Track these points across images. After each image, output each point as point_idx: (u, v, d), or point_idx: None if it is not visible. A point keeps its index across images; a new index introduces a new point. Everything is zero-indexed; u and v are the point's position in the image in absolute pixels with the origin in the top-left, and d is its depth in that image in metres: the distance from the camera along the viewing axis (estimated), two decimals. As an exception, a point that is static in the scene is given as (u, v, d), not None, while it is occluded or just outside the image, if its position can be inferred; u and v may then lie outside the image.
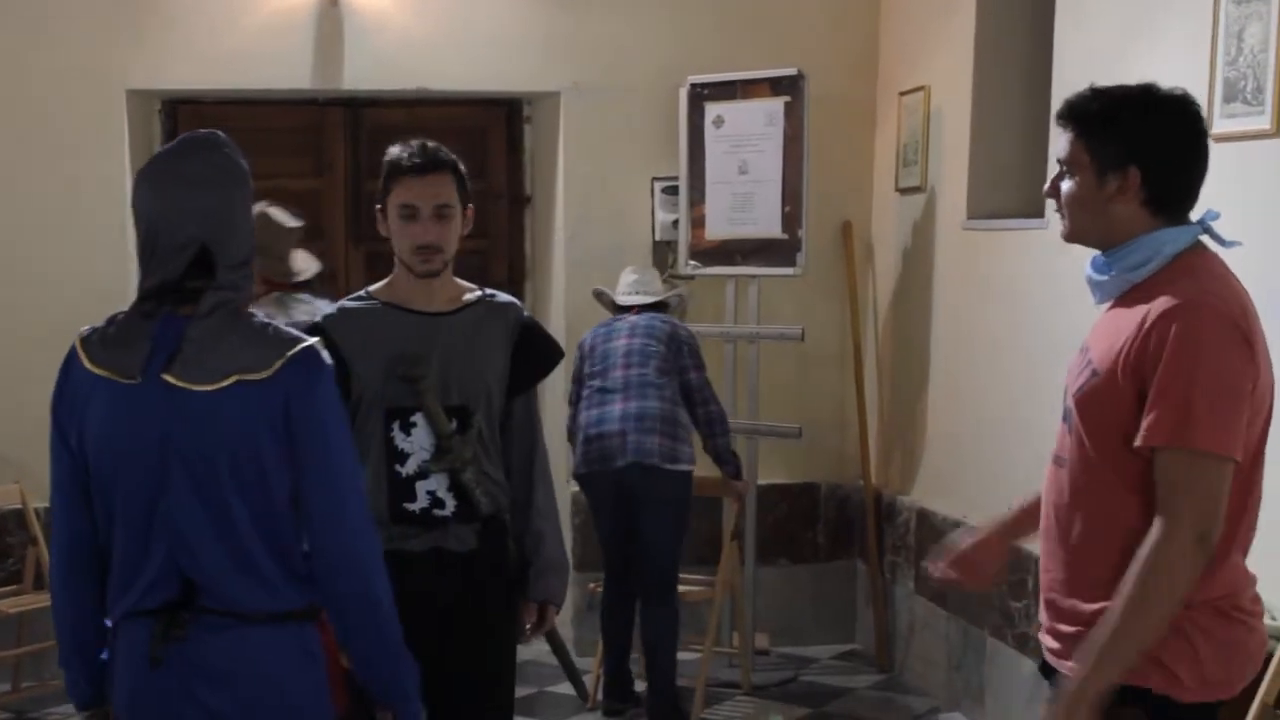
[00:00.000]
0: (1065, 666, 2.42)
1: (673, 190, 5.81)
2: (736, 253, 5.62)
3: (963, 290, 5.28)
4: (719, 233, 5.64)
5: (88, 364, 2.41)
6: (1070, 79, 4.46)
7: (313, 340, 2.45)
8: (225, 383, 2.35)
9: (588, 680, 5.16)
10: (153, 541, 2.39)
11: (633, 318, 5.21)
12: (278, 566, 2.42)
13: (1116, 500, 2.37)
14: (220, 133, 2.49)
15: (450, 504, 3.15)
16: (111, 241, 5.45)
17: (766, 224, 5.56)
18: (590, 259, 5.84)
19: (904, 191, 5.74)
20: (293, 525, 2.43)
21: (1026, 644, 4.63)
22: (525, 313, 3.36)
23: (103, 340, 2.42)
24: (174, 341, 2.37)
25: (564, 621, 5.92)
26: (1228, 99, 3.65)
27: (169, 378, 2.36)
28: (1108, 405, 2.36)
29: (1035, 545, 4.41)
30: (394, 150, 3.19)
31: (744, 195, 5.60)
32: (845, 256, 6.03)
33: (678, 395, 5.07)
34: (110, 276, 5.30)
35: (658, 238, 5.91)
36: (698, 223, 5.69)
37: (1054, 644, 2.49)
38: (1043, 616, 2.53)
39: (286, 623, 2.44)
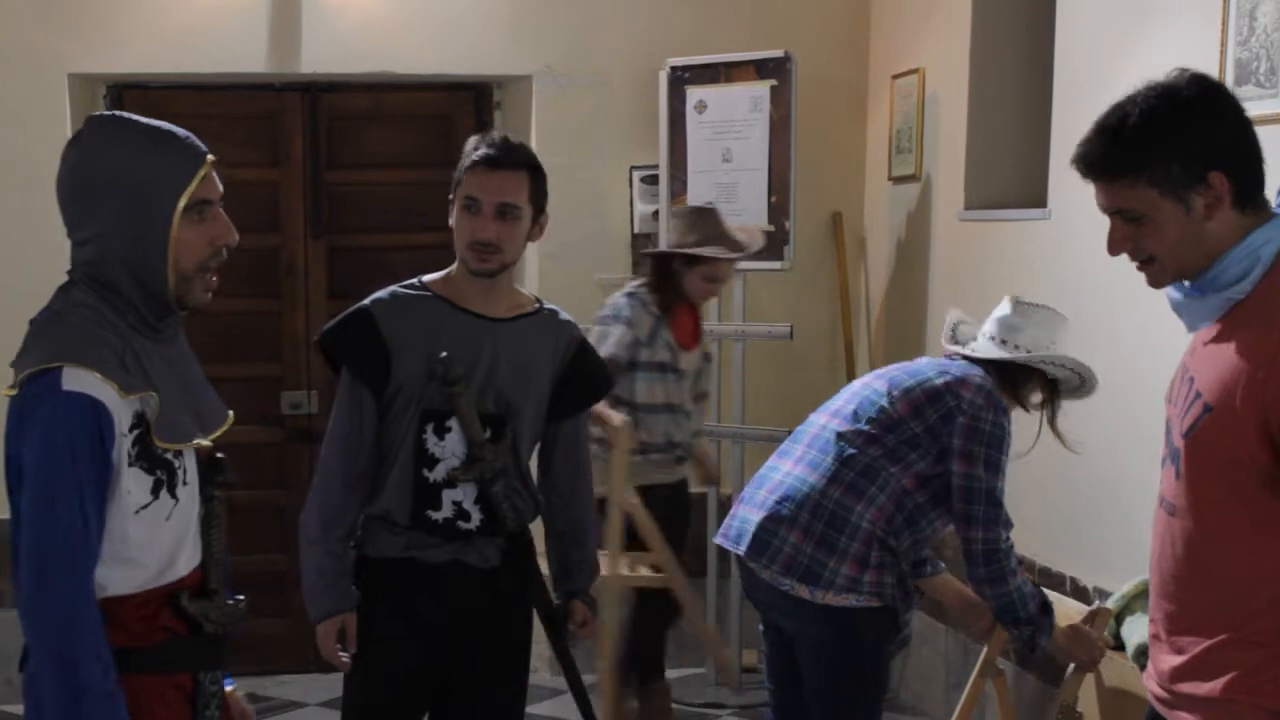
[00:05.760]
0: (1177, 718, 2.38)
1: (652, 180, 5.81)
2: (720, 246, 5.61)
3: (960, 285, 5.27)
4: (702, 225, 5.64)
5: None
6: (1073, 60, 4.47)
7: (58, 365, 2.23)
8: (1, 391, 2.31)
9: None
10: None
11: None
12: None
13: (1248, 544, 2.27)
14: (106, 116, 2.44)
15: (476, 518, 3.20)
16: (50, 232, 5.39)
17: (752, 215, 5.54)
18: (565, 253, 5.83)
19: (897, 180, 5.74)
20: None
21: (1028, 660, 4.63)
22: (580, 333, 3.39)
23: None
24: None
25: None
26: (1239, 81, 3.64)
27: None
28: (1227, 442, 2.24)
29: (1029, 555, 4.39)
30: (473, 140, 3.24)
31: (728, 185, 5.60)
32: (836, 249, 6.03)
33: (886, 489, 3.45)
34: (48, 268, 5.26)
35: (637, 230, 5.90)
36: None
37: (1165, 694, 2.42)
38: (1156, 671, 2.45)
39: None
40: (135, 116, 2.41)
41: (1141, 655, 3.53)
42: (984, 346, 3.55)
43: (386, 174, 5.90)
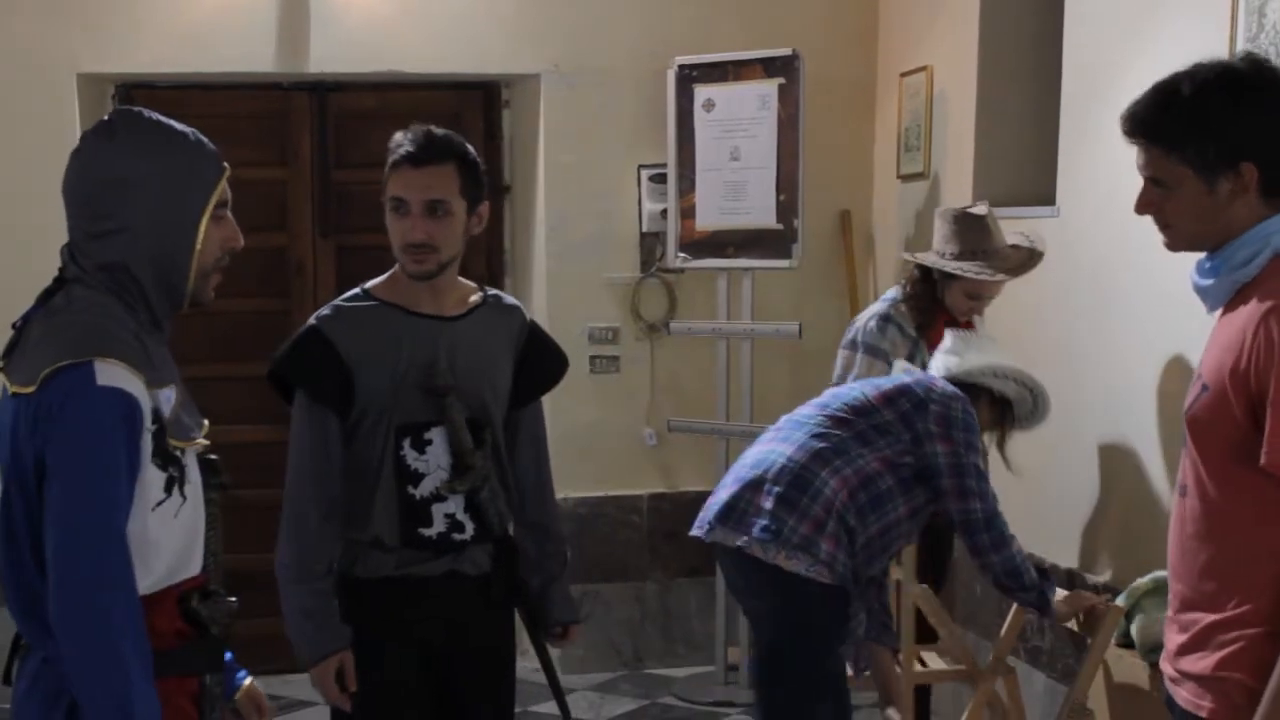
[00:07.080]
0: (1180, 696, 2.41)
1: (660, 178, 5.81)
2: (728, 244, 5.61)
3: (969, 283, 5.27)
4: (710, 223, 5.64)
5: None
6: (1082, 58, 4.47)
7: (87, 359, 2.21)
8: (10, 391, 2.25)
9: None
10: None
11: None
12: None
13: (1246, 524, 2.29)
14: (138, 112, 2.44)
15: (470, 527, 3.13)
16: (59, 234, 5.40)
17: (760, 214, 5.56)
18: (573, 252, 5.85)
19: (906, 178, 5.74)
20: None
21: (1039, 658, 4.63)
22: (529, 317, 3.32)
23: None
24: (17, 335, 2.34)
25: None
26: (1248, 78, 3.64)
27: (2, 375, 2.31)
28: (1219, 422, 2.29)
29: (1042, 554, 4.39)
30: (396, 136, 3.09)
31: (736, 183, 5.60)
32: (844, 248, 6.03)
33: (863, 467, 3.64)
34: (56, 267, 5.28)
35: (645, 229, 5.91)
36: (687, 213, 5.69)
37: (1174, 673, 2.45)
38: (1166, 651, 2.49)
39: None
40: (160, 115, 2.43)
41: (1151, 652, 3.54)
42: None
43: (394, 173, 5.90)
